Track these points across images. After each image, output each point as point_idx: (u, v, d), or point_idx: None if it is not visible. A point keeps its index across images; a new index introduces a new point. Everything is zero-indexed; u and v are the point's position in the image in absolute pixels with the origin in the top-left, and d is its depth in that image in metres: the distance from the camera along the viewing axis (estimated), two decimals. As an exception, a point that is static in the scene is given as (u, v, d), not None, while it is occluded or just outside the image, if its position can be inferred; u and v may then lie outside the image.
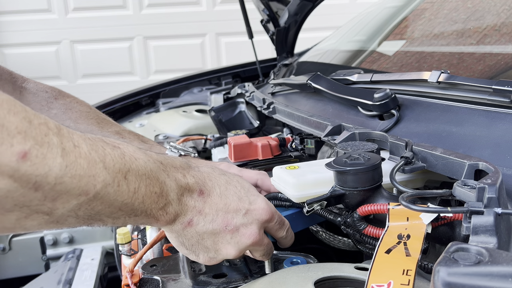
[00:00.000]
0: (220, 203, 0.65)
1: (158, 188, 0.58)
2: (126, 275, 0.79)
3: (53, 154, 0.46)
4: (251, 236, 0.67)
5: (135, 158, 0.56)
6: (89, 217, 0.53)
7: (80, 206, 0.50)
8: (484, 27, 1.15)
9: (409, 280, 0.50)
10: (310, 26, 2.01)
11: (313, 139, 1.17)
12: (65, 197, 0.48)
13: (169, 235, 0.67)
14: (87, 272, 1.64)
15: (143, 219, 0.59)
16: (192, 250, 0.66)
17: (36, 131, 0.45)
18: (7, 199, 0.44)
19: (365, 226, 0.67)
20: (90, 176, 0.49)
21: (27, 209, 0.46)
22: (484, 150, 0.73)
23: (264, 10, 1.76)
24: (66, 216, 0.50)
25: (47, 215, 0.48)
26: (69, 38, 3.93)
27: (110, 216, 0.55)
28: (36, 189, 0.45)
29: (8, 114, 0.43)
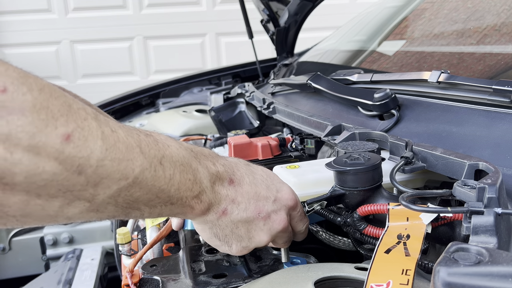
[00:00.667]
0: (251, 191, 0.65)
1: (192, 175, 0.58)
2: (126, 275, 0.79)
3: (94, 137, 0.47)
4: (281, 221, 0.68)
5: (167, 145, 0.57)
6: (128, 205, 0.53)
7: (120, 192, 0.50)
8: (484, 27, 1.15)
9: (408, 280, 0.50)
10: (310, 26, 2.01)
11: (313, 139, 1.17)
12: (106, 181, 0.48)
13: (202, 227, 0.66)
14: (87, 272, 1.64)
15: (178, 208, 0.59)
16: (225, 240, 0.66)
17: (76, 115, 0.46)
18: (52, 182, 0.45)
19: (365, 226, 0.67)
20: (129, 160, 0.50)
21: (70, 195, 0.47)
22: (484, 150, 0.73)
23: (264, 10, 1.76)
24: (106, 203, 0.50)
25: (89, 202, 0.49)
26: (69, 38, 3.93)
27: (147, 204, 0.55)
28: (80, 172, 0.46)
29: (50, 97, 0.44)
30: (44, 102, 0.43)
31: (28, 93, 0.42)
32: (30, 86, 0.43)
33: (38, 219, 0.47)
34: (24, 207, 0.45)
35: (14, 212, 0.45)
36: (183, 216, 0.62)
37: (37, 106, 0.43)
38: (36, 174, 0.43)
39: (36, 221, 0.47)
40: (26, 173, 0.43)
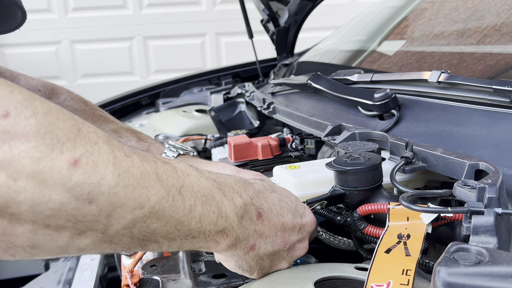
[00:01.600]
0: (278, 223, 0.63)
1: (216, 207, 0.55)
2: (126, 275, 0.79)
3: (105, 162, 0.44)
4: (304, 249, 0.67)
5: (187, 173, 0.54)
6: (144, 237, 0.49)
7: (135, 223, 0.47)
8: (485, 27, 1.15)
9: (409, 280, 0.50)
10: (310, 26, 2.01)
11: (313, 139, 1.17)
12: (119, 211, 0.45)
13: (227, 259, 0.63)
14: (87, 272, 1.64)
15: (201, 242, 0.56)
16: (249, 270, 0.65)
17: (85, 139, 0.44)
18: (60, 212, 0.42)
19: (365, 226, 0.67)
20: (144, 187, 0.47)
21: (81, 226, 0.44)
22: (485, 150, 0.73)
23: (264, 10, 1.76)
24: (120, 235, 0.47)
25: (102, 233, 0.46)
26: (69, 38, 3.92)
27: (166, 237, 0.52)
28: (90, 201, 0.43)
29: (57, 121, 0.42)
30: (49, 126, 0.41)
31: (32, 117, 0.40)
32: (35, 110, 0.41)
33: (48, 250, 0.44)
34: (32, 236, 0.42)
35: (22, 243, 0.43)
36: (207, 250, 0.59)
37: (41, 131, 0.41)
38: (42, 203, 0.41)
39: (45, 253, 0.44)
40: (31, 202, 0.40)
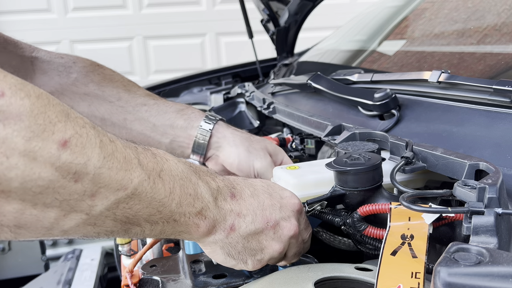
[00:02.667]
0: (254, 202, 0.64)
1: (192, 190, 0.57)
2: (126, 276, 0.79)
3: (92, 145, 0.46)
4: (292, 228, 0.66)
5: (165, 159, 0.56)
6: (127, 220, 0.51)
7: (118, 204, 0.49)
8: (485, 27, 1.15)
9: (419, 283, 0.49)
10: (310, 26, 2.00)
11: (313, 139, 1.17)
12: (103, 191, 0.47)
13: (213, 249, 0.63)
14: (87, 272, 1.64)
15: (182, 226, 0.57)
16: (240, 258, 0.64)
17: (74, 122, 0.46)
18: (47, 190, 0.44)
19: (365, 227, 0.67)
20: (127, 170, 0.49)
21: (67, 205, 0.46)
22: (485, 150, 0.73)
23: (264, 10, 1.76)
24: (104, 216, 0.49)
25: (86, 214, 0.47)
26: (69, 38, 3.92)
27: (148, 220, 0.53)
28: (76, 180, 0.45)
29: (48, 104, 0.44)
30: (42, 108, 0.43)
31: (26, 98, 0.42)
32: (28, 92, 0.43)
33: (33, 231, 0.46)
34: (18, 216, 0.44)
35: (8, 222, 0.44)
36: (189, 236, 0.60)
37: (34, 111, 0.42)
38: (32, 180, 0.43)
39: (30, 233, 0.46)
40: (21, 179, 0.42)
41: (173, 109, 0.94)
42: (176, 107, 0.95)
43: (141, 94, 0.96)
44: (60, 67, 0.95)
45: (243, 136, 0.93)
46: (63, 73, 0.94)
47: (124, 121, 0.93)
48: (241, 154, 0.89)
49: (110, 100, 0.93)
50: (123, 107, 0.93)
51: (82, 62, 0.98)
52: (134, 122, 0.93)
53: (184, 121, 0.92)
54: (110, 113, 0.93)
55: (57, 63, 0.95)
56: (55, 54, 0.97)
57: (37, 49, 0.97)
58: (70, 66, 0.95)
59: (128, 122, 0.93)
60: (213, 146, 0.92)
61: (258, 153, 0.90)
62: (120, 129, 0.92)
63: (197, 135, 0.91)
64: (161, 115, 0.92)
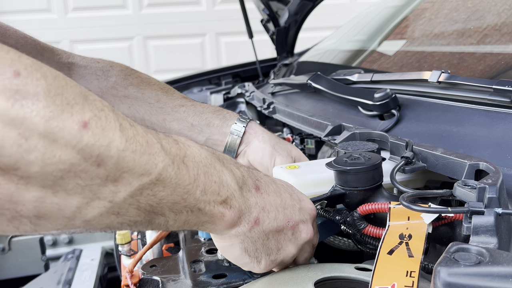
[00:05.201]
0: (277, 199, 0.62)
1: (217, 177, 0.55)
2: (126, 276, 0.79)
3: (112, 127, 0.44)
4: (309, 231, 0.65)
5: (188, 145, 0.54)
6: (151, 208, 0.49)
7: (142, 190, 0.47)
8: (485, 27, 1.15)
9: (413, 282, 0.50)
10: (310, 26, 2.00)
11: (313, 139, 1.17)
12: (127, 176, 0.45)
13: (232, 242, 0.60)
14: (87, 272, 1.64)
15: (206, 216, 0.54)
16: (255, 256, 0.62)
17: (92, 105, 0.44)
18: (69, 174, 0.42)
19: (365, 226, 0.67)
20: (150, 154, 0.47)
21: (89, 192, 0.43)
22: (485, 150, 0.73)
23: (264, 10, 1.76)
24: (128, 204, 0.47)
25: (109, 202, 0.45)
26: (69, 38, 3.92)
27: (172, 209, 0.51)
28: (99, 164, 0.43)
29: (65, 86, 0.42)
30: (59, 89, 0.41)
31: (42, 79, 0.41)
32: (44, 73, 0.41)
33: (54, 222, 0.44)
34: (39, 205, 0.42)
35: (28, 212, 0.42)
36: (212, 227, 0.57)
37: (51, 92, 0.41)
38: (53, 164, 0.41)
39: (51, 224, 0.44)
40: (42, 162, 0.40)
41: (209, 110, 0.98)
42: (212, 108, 0.99)
43: (178, 96, 1.00)
44: (98, 71, 0.98)
45: (273, 135, 0.97)
46: (101, 77, 0.97)
47: (163, 121, 0.96)
48: (266, 149, 0.92)
49: (150, 101, 0.97)
50: (162, 108, 0.96)
51: (118, 66, 1.01)
52: (172, 122, 0.96)
53: (220, 120, 0.96)
54: (150, 114, 0.96)
55: (94, 67, 0.98)
56: (91, 59, 1.00)
57: (72, 54, 0.99)
58: (108, 70, 0.98)
59: (167, 122, 0.96)
60: (244, 142, 0.95)
61: (282, 152, 0.93)
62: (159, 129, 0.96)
63: (232, 131, 0.94)
64: (198, 115, 0.96)
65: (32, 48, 0.91)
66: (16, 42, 0.89)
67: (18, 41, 0.89)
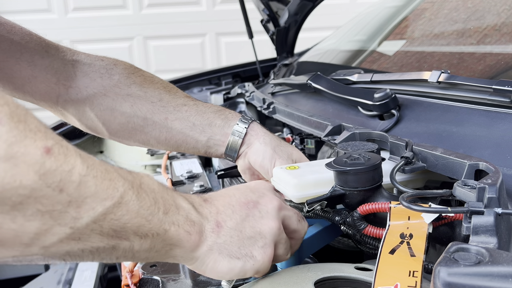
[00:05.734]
0: (226, 198, 0.64)
1: (172, 201, 0.57)
2: (126, 275, 0.79)
3: (73, 155, 0.46)
4: (272, 199, 0.65)
5: (140, 175, 0.56)
6: (114, 233, 0.49)
7: (106, 215, 0.47)
8: (485, 27, 1.15)
9: (416, 281, 0.49)
10: (310, 26, 2.00)
11: (313, 139, 1.17)
12: (90, 202, 0.46)
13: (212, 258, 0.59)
14: (87, 272, 1.64)
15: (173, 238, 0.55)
16: (244, 253, 0.61)
17: (52, 134, 0.45)
18: (29, 200, 0.42)
19: (365, 226, 0.67)
20: (111, 180, 0.49)
21: (49, 218, 0.43)
22: (485, 150, 0.73)
23: (264, 10, 1.76)
24: (90, 230, 0.47)
25: (70, 228, 0.45)
26: (69, 38, 3.93)
27: (137, 233, 0.51)
28: (61, 189, 0.43)
29: (27, 115, 0.43)
30: (22, 117, 0.42)
31: (6, 106, 0.41)
32: (6, 101, 0.42)
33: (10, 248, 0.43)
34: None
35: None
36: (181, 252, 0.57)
37: (14, 118, 0.41)
38: (13, 188, 0.40)
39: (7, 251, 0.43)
40: (1, 187, 0.40)
41: (212, 109, 0.98)
42: (214, 108, 0.99)
43: (181, 96, 1.00)
44: (101, 69, 0.98)
45: (274, 137, 0.96)
46: (105, 75, 0.97)
47: (165, 120, 0.96)
48: (266, 152, 0.92)
49: (152, 100, 0.96)
50: (165, 107, 0.96)
51: (122, 64, 1.01)
52: (174, 122, 0.96)
53: (222, 120, 0.96)
54: (152, 113, 0.96)
55: (98, 65, 0.98)
56: (95, 56, 1.00)
57: (77, 52, 1.00)
58: (112, 68, 0.98)
59: (169, 121, 0.96)
60: (246, 143, 0.95)
61: (282, 155, 0.92)
62: (161, 128, 0.96)
63: (233, 131, 0.94)
64: (200, 115, 0.96)
65: (37, 45, 0.92)
66: (21, 39, 0.89)
67: (23, 38, 0.90)
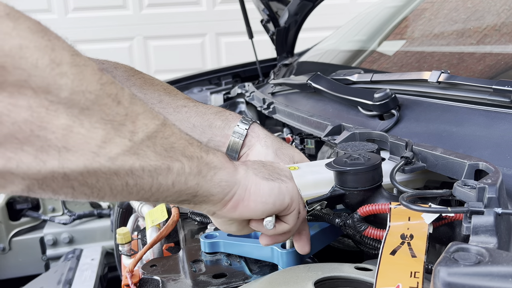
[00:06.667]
0: None
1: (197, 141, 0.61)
2: (126, 275, 0.79)
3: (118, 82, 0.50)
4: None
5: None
6: (166, 153, 0.53)
7: (157, 133, 0.52)
8: (484, 27, 1.15)
9: (418, 282, 0.49)
10: (310, 26, 2.00)
11: (313, 139, 1.17)
12: (142, 118, 0.50)
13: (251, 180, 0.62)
14: (87, 272, 1.64)
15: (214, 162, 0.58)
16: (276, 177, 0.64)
17: None
18: (94, 106, 0.46)
19: (366, 227, 0.67)
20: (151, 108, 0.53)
21: (111, 127, 0.47)
22: (484, 150, 0.73)
23: (264, 10, 1.76)
24: (145, 146, 0.50)
25: (129, 140, 0.49)
26: (69, 38, 3.90)
27: (184, 154, 0.55)
28: (119, 102, 0.48)
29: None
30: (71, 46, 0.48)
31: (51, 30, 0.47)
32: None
33: (81, 156, 0.46)
34: (67, 134, 0.44)
35: (57, 141, 0.44)
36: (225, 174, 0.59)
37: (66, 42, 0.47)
38: (81, 92, 0.45)
39: (78, 160, 0.46)
40: (71, 89, 0.44)
41: (212, 111, 0.98)
42: (214, 109, 0.99)
43: (181, 97, 1.01)
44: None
45: (275, 139, 0.96)
46: None
47: None
48: (268, 155, 0.92)
49: (152, 102, 0.97)
50: (165, 108, 0.97)
51: (122, 67, 1.03)
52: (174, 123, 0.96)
53: (222, 121, 0.96)
54: None
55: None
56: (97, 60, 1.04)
57: None
58: (112, 71, 1.00)
59: None
60: (247, 145, 0.95)
61: (284, 158, 0.93)
62: None
63: (234, 133, 0.95)
64: (200, 116, 0.96)
65: None
66: None
67: None
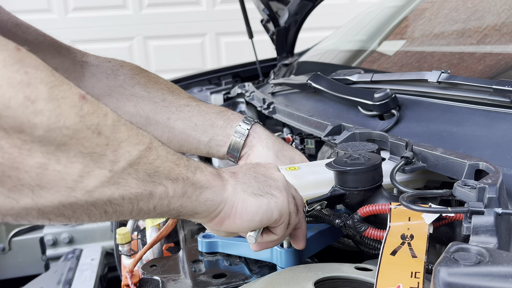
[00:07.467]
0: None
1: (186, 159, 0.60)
2: (126, 275, 0.79)
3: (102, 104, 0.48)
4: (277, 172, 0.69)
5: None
6: (149, 178, 0.52)
7: (140, 159, 0.50)
8: (485, 27, 1.15)
9: (418, 283, 0.49)
10: (310, 26, 2.00)
11: (313, 139, 1.17)
12: (125, 145, 0.49)
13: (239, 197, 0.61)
14: (87, 272, 1.64)
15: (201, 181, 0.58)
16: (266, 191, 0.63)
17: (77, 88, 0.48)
18: (72, 141, 0.44)
19: (366, 228, 0.67)
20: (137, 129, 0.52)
21: (90, 160, 0.46)
22: (485, 150, 0.73)
23: (264, 10, 1.76)
24: (127, 174, 0.49)
25: (109, 171, 0.47)
26: (69, 38, 3.90)
27: (169, 177, 0.54)
28: (99, 132, 0.46)
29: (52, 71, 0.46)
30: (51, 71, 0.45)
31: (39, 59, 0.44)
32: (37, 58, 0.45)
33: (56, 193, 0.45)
34: (41, 172, 0.43)
35: (30, 180, 0.43)
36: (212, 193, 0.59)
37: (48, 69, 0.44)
38: (58, 128, 0.43)
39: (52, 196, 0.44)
40: (46, 126, 0.42)
41: (214, 110, 0.99)
42: (217, 109, 1.00)
43: (183, 96, 1.01)
44: (108, 70, 1.00)
45: (277, 140, 0.96)
46: (110, 76, 0.99)
47: (167, 120, 0.97)
48: (269, 157, 0.92)
49: (155, 100, 0.98)
50: (167, 107, 0.98)
51: (128, 65, 1.03)
52: (177, 122, 0.97)
53: (224, 121, 0.96)
54: (155, 113, 0.97)
55: (105, 66, 1.01)
56: (103, 58, 1.04)
57: (87, 54, 1.03)
58: (117, 69, 1.00)
59: (171, 121, 0.97)
60: (248, 145, 0.96)
61: (284, 159, 0.93)
62: (163, 128, 0.97)
63: (235, 133, 0.95)
64: (202, 115, 0.97)
65: (49, 46, 0.96)
66: (35, 39, 0.94)
67: (37, 38, 0.94)
